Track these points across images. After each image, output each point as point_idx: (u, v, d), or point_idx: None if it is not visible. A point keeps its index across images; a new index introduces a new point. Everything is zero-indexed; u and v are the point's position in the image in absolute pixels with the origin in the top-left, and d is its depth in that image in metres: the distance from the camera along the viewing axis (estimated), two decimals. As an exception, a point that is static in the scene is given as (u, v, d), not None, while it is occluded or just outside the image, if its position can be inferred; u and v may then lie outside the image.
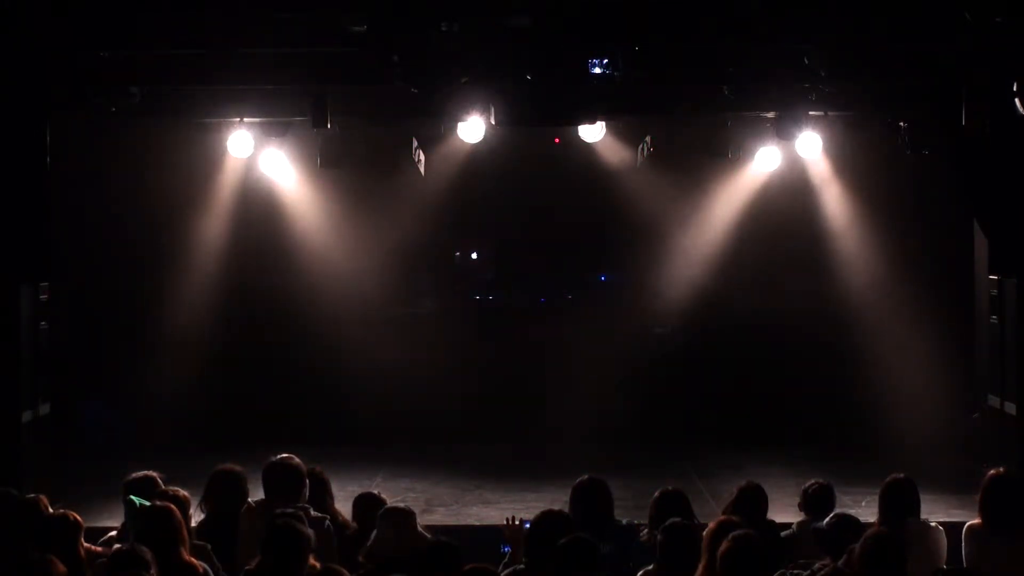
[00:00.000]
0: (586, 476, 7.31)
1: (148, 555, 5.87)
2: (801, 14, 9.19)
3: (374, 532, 6.81)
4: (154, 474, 7.54)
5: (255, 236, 13.62)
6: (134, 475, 7.52)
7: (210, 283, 13.46)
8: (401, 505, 7.10)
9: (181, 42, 9.51)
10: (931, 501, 7.42)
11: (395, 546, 6.52)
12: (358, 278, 13.38)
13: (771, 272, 13.65)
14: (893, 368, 13.36)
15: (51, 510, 6.89)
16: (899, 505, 7.08)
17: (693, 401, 13.46)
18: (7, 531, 6.62)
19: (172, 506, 6.45)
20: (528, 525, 6.63)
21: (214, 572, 6.61)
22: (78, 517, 6.45)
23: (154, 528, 6.28)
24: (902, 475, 7.24)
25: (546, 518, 6.57)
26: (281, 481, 7.34)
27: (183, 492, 7.19)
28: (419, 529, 6.89)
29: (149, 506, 6.54)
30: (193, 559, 6.36)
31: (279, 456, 7.54)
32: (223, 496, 7.49)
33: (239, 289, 13.69)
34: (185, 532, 6.44)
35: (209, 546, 6.83)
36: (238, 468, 7.74)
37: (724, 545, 5.73)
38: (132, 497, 6.97)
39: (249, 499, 7.46)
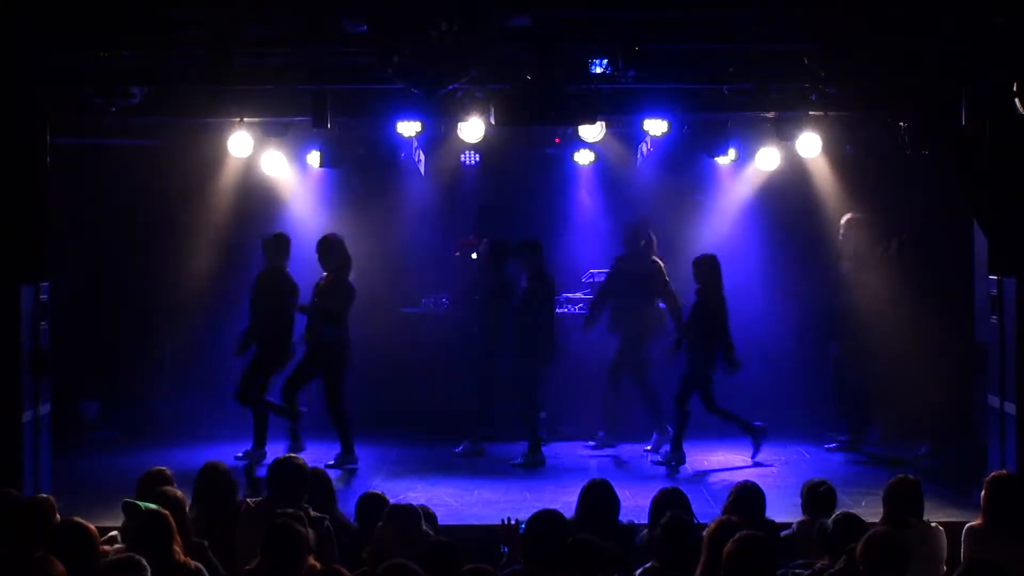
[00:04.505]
0: (595, 478, 7.42)
1: (143, 559, 5.88)
2: (801, 14, 9.19)
3: (378, 530, 6.83)
4: (167, 470, 7.72)
5: (255, 236, 13.60)
6: (149, 471, 7.68)
7: (210, 282, 13.45)
8: (406, 504, 7.12)
9: (181, 42, 9.51)
10: (931, 501, 7.42)
11: (400, 545, 6.53)
12: (358, 278, 13.35)
13: (770, 272, 13.64)
14: (892, 367, 13.36)
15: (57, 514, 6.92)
16: (903, 505, 7.09)
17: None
18: (7, 532, 6.63)
19: (165, 511, 6.48)
20: (523, 525, 6.66)
21: (212, 570, 6.63)
22: (93, 528, 6.43)
23: (148, 531, 6.30)
24: (909, 475, 7.25)
25: (541, 518, 6.60)
26: (283, 481, 7.39)
27: (178, 492, 7.25)
28: (424, 528, 6.91)
29: (143, 512, 6.56)
30: (188, 559, 6.38)
31: (282, 456, 7.60)
32: (210, 493, 7.58)
33: (239, 288, 13.66)
34: (178, 533, 6.46)
35: (206, 543, 6.87)
36: (222, 464, 7.87)
37: (730, 546, 5.74)
38: (132, 500, 6.99)
39: (249, 499, 7.49)
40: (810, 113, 11.57)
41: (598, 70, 9.84)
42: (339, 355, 11.67)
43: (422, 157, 13.50)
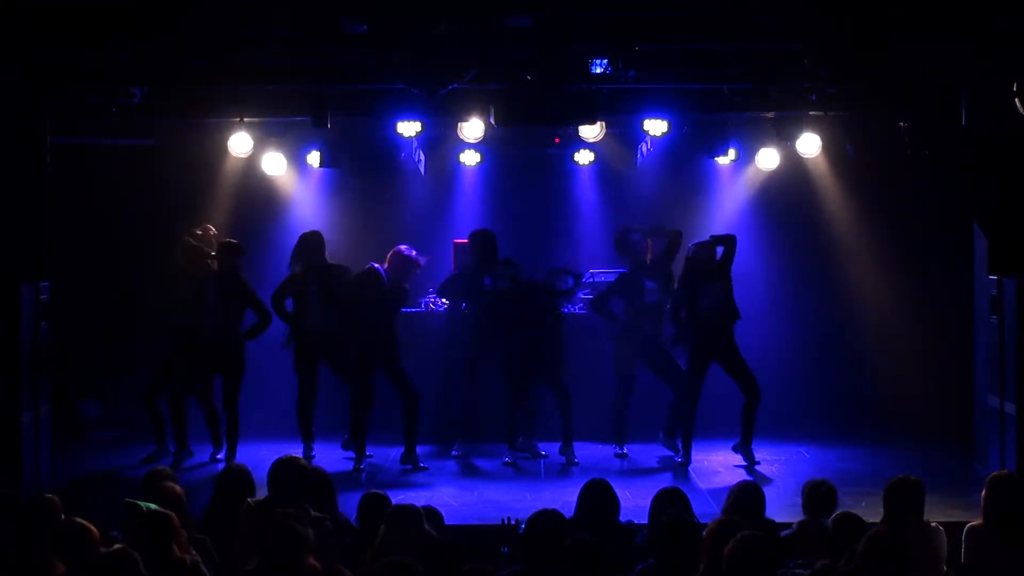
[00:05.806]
0: (595, 478, 7.42)
1: (135, 554, 5.89)
2: (801, 14, 9.19)
3: (381, 530, 6.83)
4: (168, 469, 7.93)
5: (255, 236, 13.60)
6: (153, 470, 7.81)
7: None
8: (408, 504, 7.12)
9: (181, 42, 9.51)
10: (930, 501, 7.41)
11: (402, 545, 6.53)
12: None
13: (770, 272, 13.65)
14: (892, 368, 13.36)
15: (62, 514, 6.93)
16: (903, 505, 7.09)
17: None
18: (13, 531, 6.64)
19: (166, 511, 6.49)
20: (523, 525, 6.66)
21: (212, 565, 6.65)
22: (93, 528, 6.44)
23: (149, 531, 6.31)
24: (911, 476, 7.24)
25: (540, 518, 6.60)
26: (284, 481, 7.41)
27: (177, 488, 7.28)
28: (426, 528, 6.91)
29: (144, 511, 6.57)
30: (185, 555, 6.39)
31: (283, 456, 7.63)
32: (228, 492, 7.62)
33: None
34: (180, 531, 6.48)
35: (207, 539, 6.90)
36: (242, 466, 7.96)
37: (730, 546, 5.73)
38: (133, 500, 7.00)
39: (249, 499, 7.51)
40: (810, 113, 11.57)
41: (598, 70, 9.85)
42: None
43: (422, 157, 13.50)
